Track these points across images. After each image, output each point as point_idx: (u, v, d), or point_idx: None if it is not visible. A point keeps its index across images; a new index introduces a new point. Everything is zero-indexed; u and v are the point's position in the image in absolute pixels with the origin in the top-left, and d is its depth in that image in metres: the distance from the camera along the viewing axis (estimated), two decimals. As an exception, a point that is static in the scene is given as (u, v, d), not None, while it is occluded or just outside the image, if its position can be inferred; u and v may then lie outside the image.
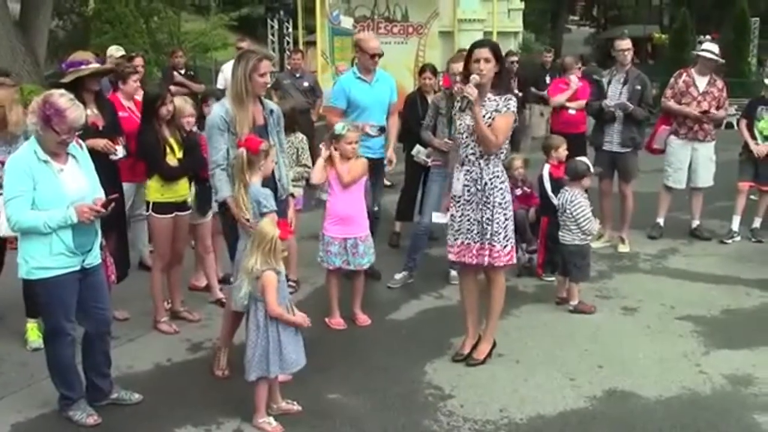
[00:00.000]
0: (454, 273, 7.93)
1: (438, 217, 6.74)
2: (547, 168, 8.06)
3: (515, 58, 13.85)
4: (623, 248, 9.28)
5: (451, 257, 6.11)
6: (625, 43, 9.26)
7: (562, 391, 5.67)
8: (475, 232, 5.93)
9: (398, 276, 8.08)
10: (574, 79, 10.93)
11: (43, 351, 5.17)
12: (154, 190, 6.64)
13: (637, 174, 9.47)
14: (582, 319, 7.10)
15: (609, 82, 9.25)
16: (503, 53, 6.22)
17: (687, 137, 9.65)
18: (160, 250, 6.80)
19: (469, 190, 5.91)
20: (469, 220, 5.94)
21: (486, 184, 5.86)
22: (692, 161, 9.72)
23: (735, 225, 9.79)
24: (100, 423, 5.16)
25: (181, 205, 6.75)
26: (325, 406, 5.45)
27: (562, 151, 8.09)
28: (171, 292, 7.02)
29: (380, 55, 7.83)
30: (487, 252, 5.92)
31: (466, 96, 5.72)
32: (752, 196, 10.13)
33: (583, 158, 7.78)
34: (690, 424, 5.24)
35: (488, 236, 5.89)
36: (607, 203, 9.47)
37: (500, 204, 5.89)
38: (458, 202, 5.99)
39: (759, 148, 9.59)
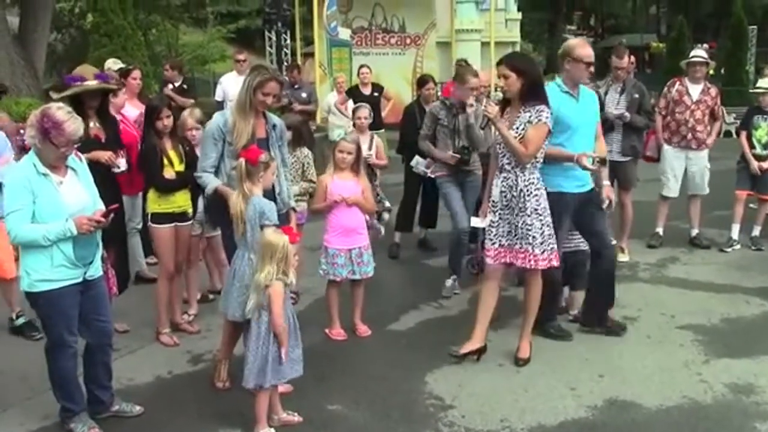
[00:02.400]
0: (450, 282, 7.98)
1: (476, 222, 6.83)
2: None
3: None
4: (623, 257, 9.27)
5: (489, 261, 6.23)
6: (623, 62, 9.25)
7: (562, 401, 5.67)
8: (513, 235, 6.09)
9: (448, 283, 8.11)
10: None
11: (44, 363, 5.17)
12: (152, 201, 6.66)
13: (637, 183, 9.48)
14: (582, 329, 7.09)
15: (606, 92, 9.26)
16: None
17: (680, 146, 9.68)
18: (163, 260, 6.82)
19: (505, 197, 6.09)
20: (508, 223, 6.11)
21: (522, 191, 6.02)
22: (687, 169, 9.75)
23: (734, 233, 9.80)
24: (102, 435, 5.16)
25: (180, 216, 6.75)
26: (326, 416, 5.44)
27: None
28: (171, 304, 7.01)
29: (592, 65, 6.65)
30: (522, 255, 6.08)
31: (486, 115, 6.03)
32: (751, 205, 10.15)
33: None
34: (691, 432, 5.25)
35: (528, 241, 6.03)
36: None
37: (536, 210, 6.03)
38: (496, 207, 6.16)
39: (757, 165, 9.62)
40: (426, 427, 5.30)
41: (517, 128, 5.99)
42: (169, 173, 6.63)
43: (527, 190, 6.03)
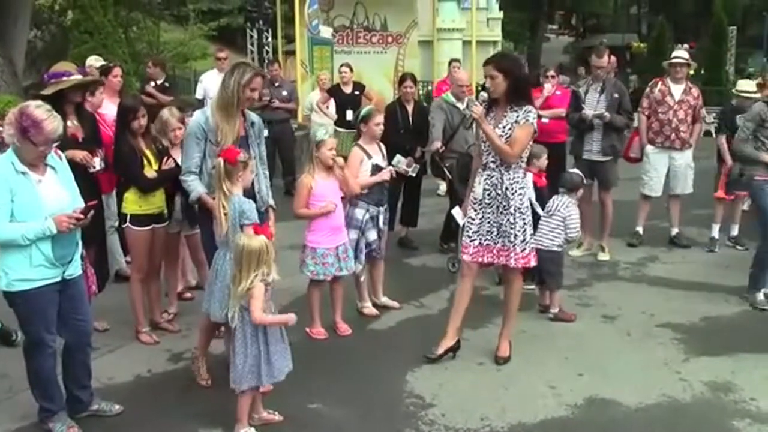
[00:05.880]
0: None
1: (457, 213, 6.98)
2: (529, 177, 8.05)
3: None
4: (603, 256, 9.32)
5: (466, 258, 6.20)
6: (602, 61, 9.31)
7: (543, 399, 5.69)
8: (495, 234, 6.08)
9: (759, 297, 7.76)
10: (548, 87, 10.94)
11: (23, 362, 5.13)
12: (132, 202, 6.58)
13: (617, 182, 9.51)
14: (562, 327, 7.12)
15: (586, 92, 9.29)
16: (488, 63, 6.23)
17: (663, 146, 9.72)
18: (137, 262, 6.76)
19: (489, 194, 6.08)
20: (489, 222, 6.10)
21: (506, 189, 6.02)
22: (670, 169, 9.79)
23: (715, 233, 9.84)
24: (81, 435, 5.13)
25: (158, 217, 6.70)
26: (307, 416, 5.44)
27: (542, 161, 8.04)
28: (150, 304, 6.97)
29: None
30: (505, 254, 6.08)
31: (471, 114, 6.08)
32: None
33: (576, 170, 7.85)
34: (670, 431, 5.27)
35: (510, 239, 6.03)
36: (587, 212, 9.48)
37: (519, 209, 6.04)
38: (479, 204, 6.14)
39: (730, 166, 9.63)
40: (406, 426, 5.31)
41: (504, 128, 5.98)
42: (150, 173, 6.59)
43: (512, 189, 6.02)
